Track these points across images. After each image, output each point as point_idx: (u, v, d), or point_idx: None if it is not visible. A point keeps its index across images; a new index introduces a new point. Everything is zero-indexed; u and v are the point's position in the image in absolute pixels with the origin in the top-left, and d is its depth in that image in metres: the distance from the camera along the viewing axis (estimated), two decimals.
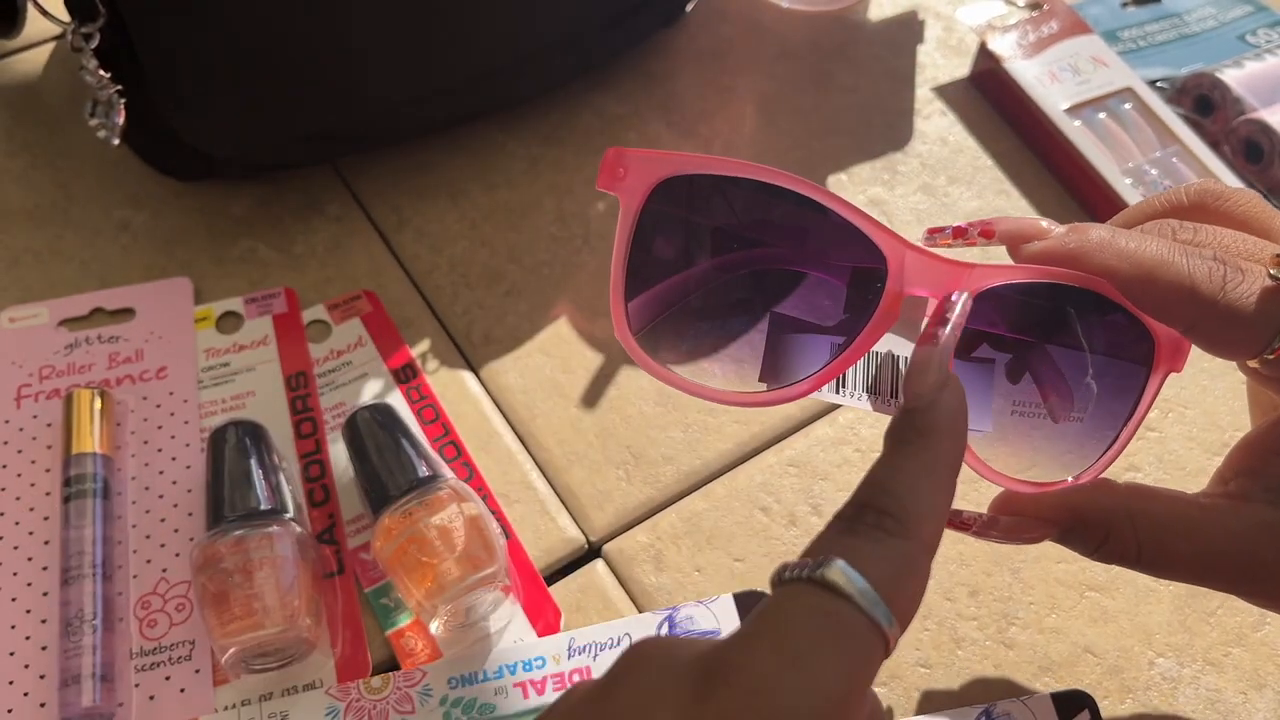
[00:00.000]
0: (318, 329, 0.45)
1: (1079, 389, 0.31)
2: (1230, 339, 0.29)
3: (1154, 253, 0.28)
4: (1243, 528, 0.30)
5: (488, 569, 0.36)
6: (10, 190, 0.48)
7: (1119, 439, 0.31)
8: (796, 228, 0.30)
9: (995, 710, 0.37)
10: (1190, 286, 0.28)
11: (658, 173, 0.29)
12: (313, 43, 0.43)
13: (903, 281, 0.29)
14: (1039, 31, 0.54)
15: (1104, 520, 0.30)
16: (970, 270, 0.29)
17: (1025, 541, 0.31)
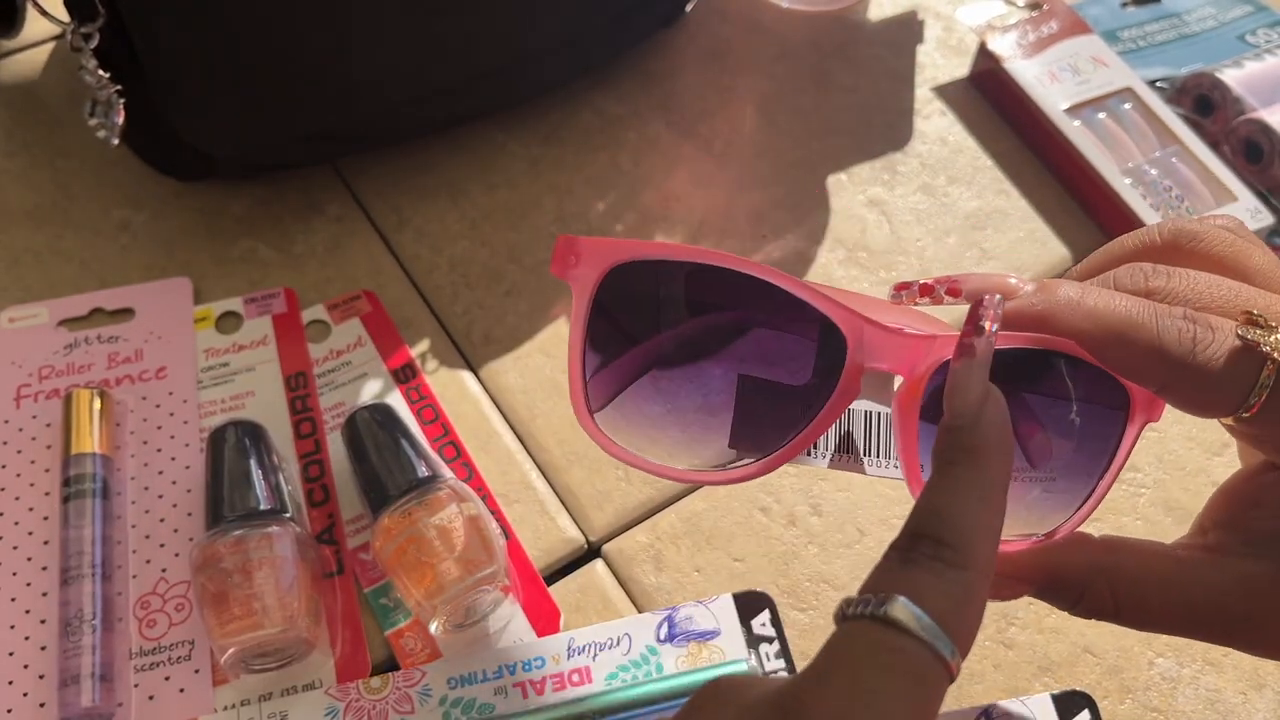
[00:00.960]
0: (317, 329, 0.45)
1: (1053, 444, 0.31)
2: (1203, 400, 0.28)
3: (1123, 314, 0.28)
4: (1221, 581, 0.29)
5: (487, 569, 0.36)
6: (10, 190, 0.48)
7: (1095, 492, 0.31)
8: (754, 309, 0.30)
9: (995, 710, 0.37)
10: (1159, 349, 0.27)
11: (608, 260, 0.29)
12: (313, 43, 0.43)
13: (862, 356, 0.29)
14: (1039, 31, 0.54)
15: (1079, 579, 0.30)
16: (932, 341, 0.29)
17: (1000, 599, 0.31)
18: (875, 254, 0.49)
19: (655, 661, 0.37)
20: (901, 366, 0.29)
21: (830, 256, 0.48)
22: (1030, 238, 0.50)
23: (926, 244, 0.49)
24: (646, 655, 0.37)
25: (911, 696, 0.23)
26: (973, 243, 0.50)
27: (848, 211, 0.50)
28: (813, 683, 0.23)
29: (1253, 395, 0.27)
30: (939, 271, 0.48)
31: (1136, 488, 0.43)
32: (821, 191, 0.51)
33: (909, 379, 0.29)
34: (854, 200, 0.51)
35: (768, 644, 0.38)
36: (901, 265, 0.49)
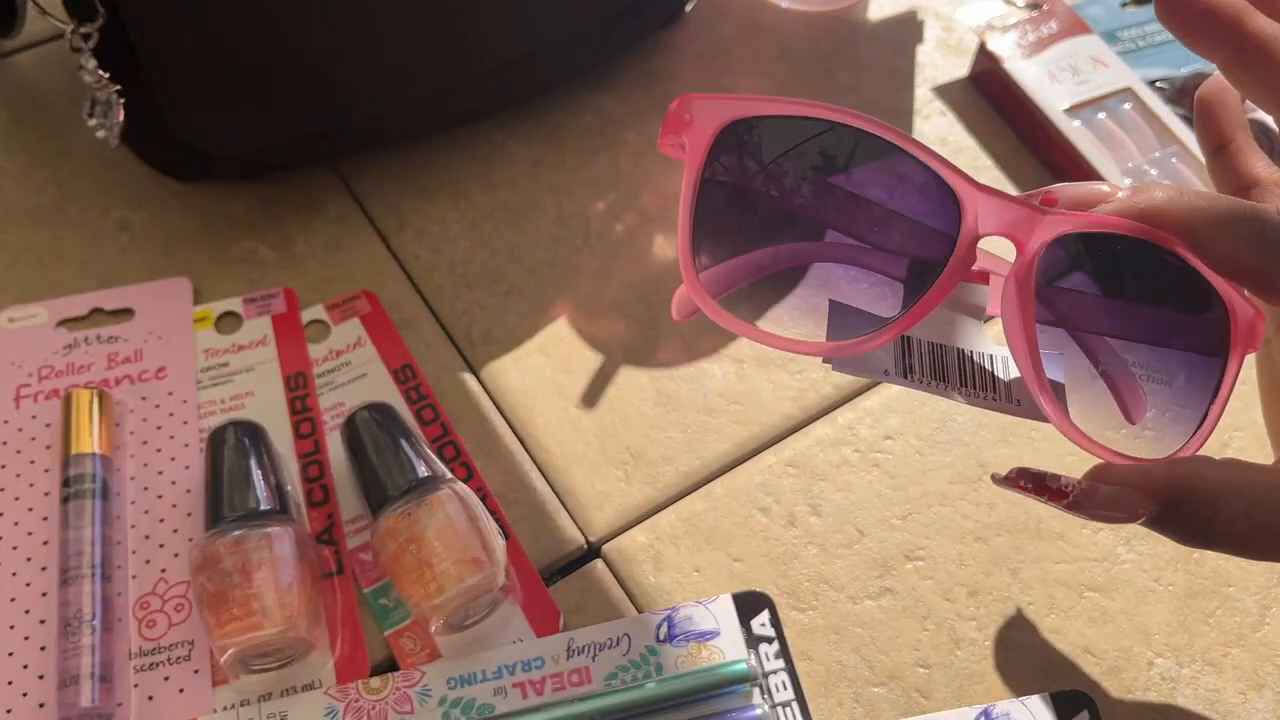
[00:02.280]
0: (317, 329, 0.45)
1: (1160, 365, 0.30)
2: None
3: (1225, 206, 0.27)
4: None
5: (487, 569, 0.36)
6: (10, 190, 0.48)
7: (1208, 418, 0.29)
8: (868, 170, 0.29)
9: (994, 711, 0.37)
10: (1263, 237, 0.27)
11: (724, 115, 0.29)
12: (313, 43, 0.43)
13: (977, 224, 0.28)
14: (1038, 31, 0.54)
15: (1212, 495, 0.28)
16: (1044, 215, 0.28)
17: (1120, 519, 0.29)
18: None
19: (655, 662, 0.37)
20: (1018, 235, 0.28)
21: None
22: None
23: None
24: (646, 655, 0.37)
25: None
26: None
27: None
28: None
29: None
30: None
31: None
32: None
33: (1026, 252, 0.28)
34: None
35: (767, 644, 0.38)
36: None
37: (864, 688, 0.38)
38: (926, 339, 0.31)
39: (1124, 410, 0.31)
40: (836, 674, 0.38)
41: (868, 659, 0.38)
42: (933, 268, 0.28)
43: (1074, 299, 0.30)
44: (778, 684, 0.37)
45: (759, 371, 0.45)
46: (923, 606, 0.39)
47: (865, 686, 0.38)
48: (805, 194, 0.30)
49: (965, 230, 0.28)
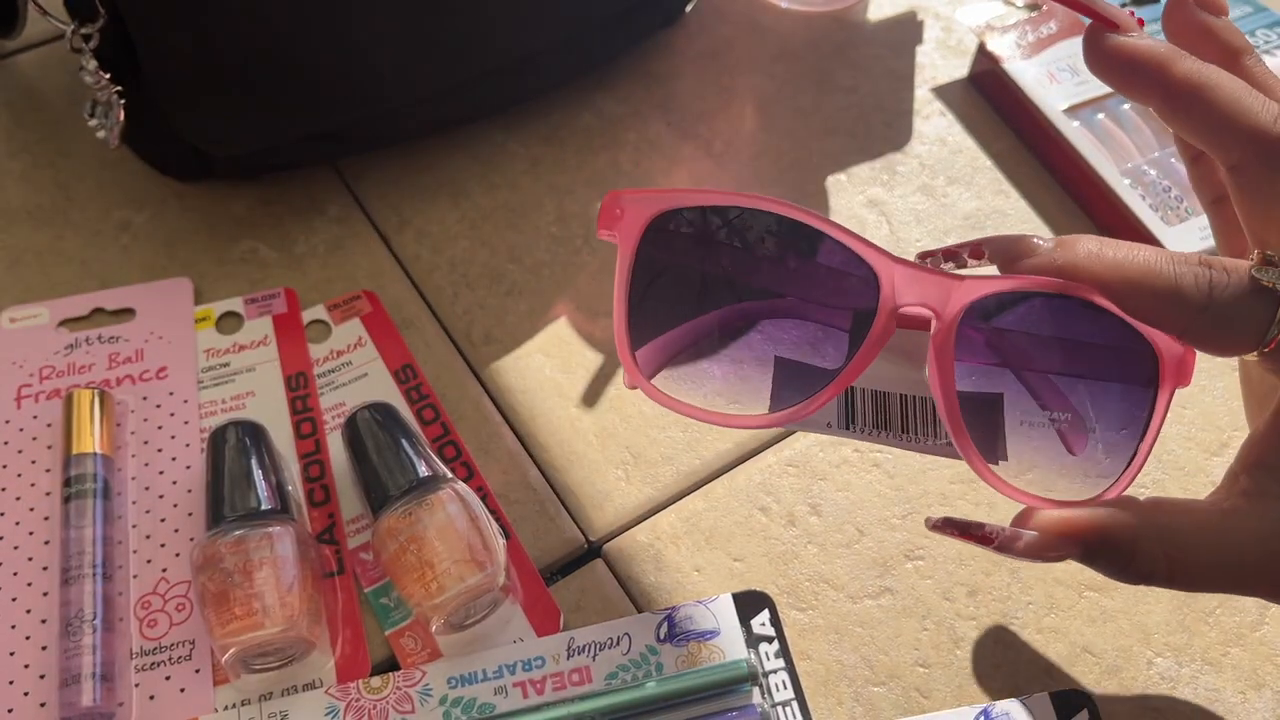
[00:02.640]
0: (318, 329, 0.45)
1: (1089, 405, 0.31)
2: (1223, 341, 0.29)
3: (1141, 262, 0.29)
4: (1266, 526, 0.29)
5: (487, 569, 0.36)
6: (11, 191, 0.48)
7: (1136, 456, 0.31)
8: (791, 252, 0.31)
9: (994, 710, 0.37)
10: (1178, 293, 0.28)
11: (651, 209, 0.31)
12: (313, 43, 0.43)
13: (895, 296, 0.30)
14: (1038, 32, 0.54)
15: (1129, 538, 0.30)
16: (960, 282, 0.30)
17: (1047, 560, 0.30)
18: None
19: (655, 661, 0.37)
20: (933, 304, 0.30)
21: None
22: None
23: (926, 244, 0.50)
24: (646, 655, 0.37)
25: None
26: None
27: (847, 212, 0.50)
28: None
29: (1272, 330, 0.28)
30: None
31: (1136, 488, 0.43)
32: (821, 192, 0.51)
33: (941, 318, 0.30)
34: (853, 200, 0.51)
35: (767, 643, 0.38)
36: None
37: (864, 687, 0.38)
38: (870, 388, 0.33)
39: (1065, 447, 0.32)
40: (836, 673, 0.38)
41: (867, 658, 0.38)
42: (856, 338, 0.30)
43: (1012, 342, 0.32)
44: (778, 683, 0.37)
45: None
46: (922, 606, 0.39)
47: (865, 686, 0.38)
48: (733, 276, 0.32)
49: (884, 302, 0.29)
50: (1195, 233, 0.47)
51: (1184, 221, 0.48)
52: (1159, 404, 0.30)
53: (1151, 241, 0.47)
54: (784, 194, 0.50)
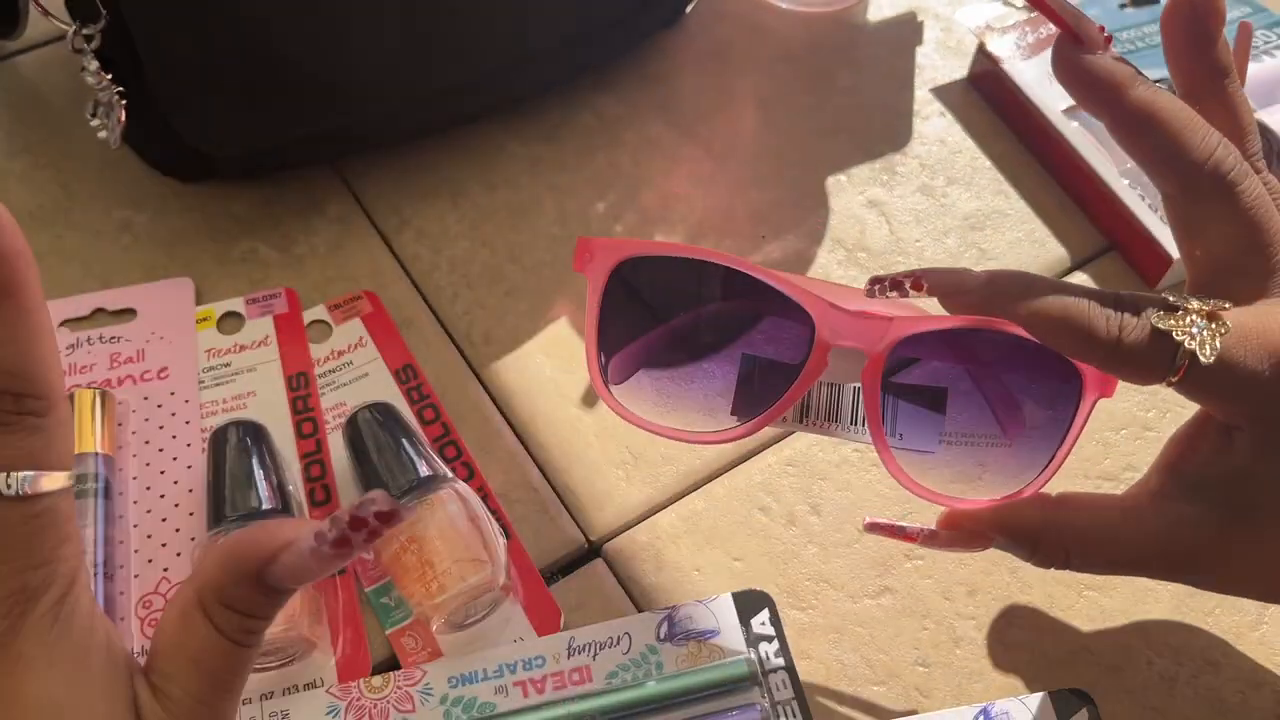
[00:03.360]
0: (319, 329, 0.45)
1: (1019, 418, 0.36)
2: (1132, 374, 0.32)
3: (1059, 305, 0.31)
4: (1161, 525, 0.33)
5: (488, 569, 0.36)
6: (12, 191, 0.48)
7: (1054, 460, 0.34)
8: (739, 297, 0.36)
9: (993, 709, 0.37)
10: (1090, 336, 0.31)
11: (615, 256, 0.35)
12: (314, 43, 0.43)
13: (829, 335, 0.34)
14: (1037, 33, 0.54)
15: (1032, 531, 0.34)
16: (889, 322, 0.34)
17: (965, 551, 0.35)
18: (874, 254, 0.49)
19: (655, 660, 0.37)
20: (863, 344, 0.34)
21: (830, 257, 0.49)
22: (1029, 238, 0.50)
23: (925, 244, 0.50)
24: (646, 654, 0.37)
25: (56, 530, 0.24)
26: (971, 243, 0.50)
27: (847, 212, 0.50)
28: None
29: (1177, 360, 0.30)
30: None
31: None
32: (821, 192, 0.51)
33: (870, 355, 0.34)
34: (853, 201, 0.51)
35: (767, 643, 0.38)
36: (901, 266, 0.49)
37: (864, 686, 0.38)
38: (825, 381, 0.36)
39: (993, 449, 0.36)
40: (836, 673, 0.38)
41: (867, 658, 0.38)
42: (794, 372, 0.34)
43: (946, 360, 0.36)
44: (778, 683, 0.37)
45: None
46: (922, 605, 0.39)
47: (865, 685, 0.38)
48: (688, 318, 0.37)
49: (818, 342, 0.34)
50: None
51: None
52: (1080, 413, 0.34)
53: (1151, 241, 0.48)
54: (784, 194, 0.51)
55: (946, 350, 0.36)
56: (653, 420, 0.36)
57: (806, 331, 0.34)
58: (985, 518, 0.34)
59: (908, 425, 0.36)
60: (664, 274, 0.36)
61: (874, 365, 0.34)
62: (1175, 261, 0.47)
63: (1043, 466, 0.35)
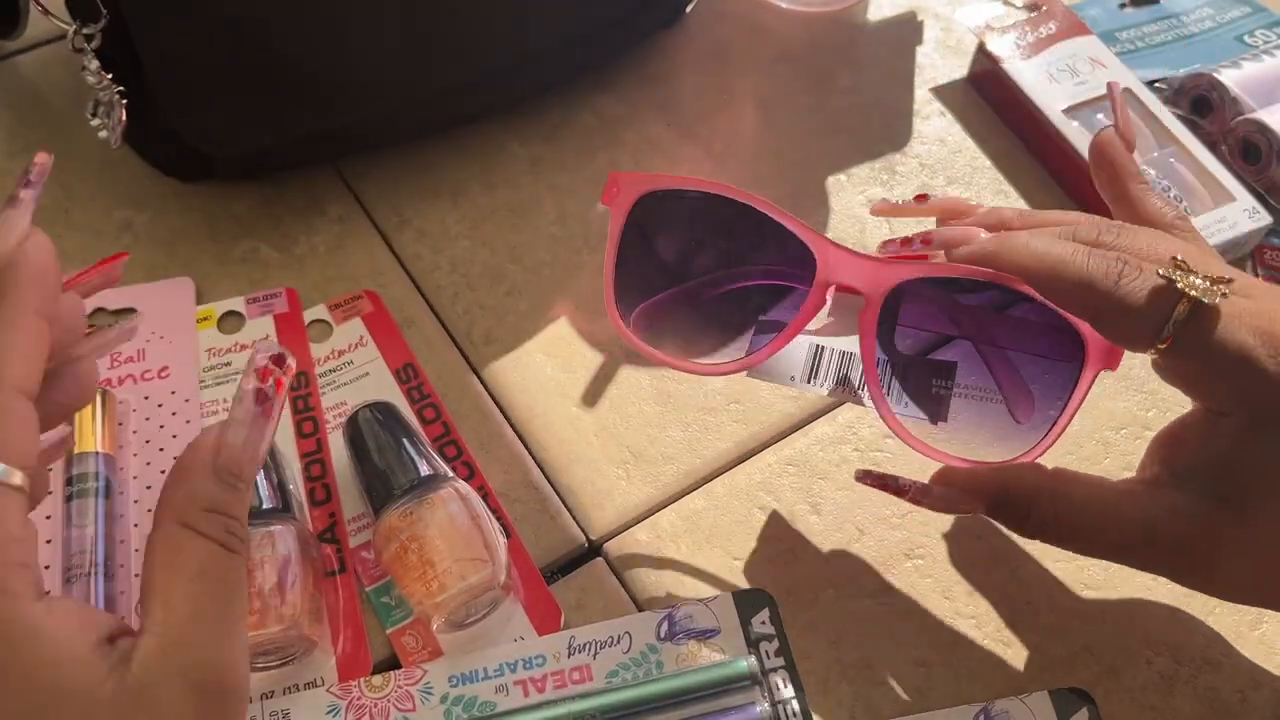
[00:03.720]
0: (319, 329, 0.45)
1: (1016, 382, 0.36)
2: (1125, 330, 0.32)
3: (1060, 251, 0.32)
4: (1152, 510, 0.33)
5: (488, 568, 0.36)
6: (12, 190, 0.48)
7: (1053, 429, 0.35)
8: (748, 231, 0.36)
9: (993, 709, 0.37)
10: (1088, 280, 0.31)
11: (640, 189, 0.37)
12: (314, 44, 0.43)
13: (829, 274, 0.35)
14: (1037, 33, 0.54)
15: (1029, 496, 0.34)
16: (887, 266, 0.34)
17: (957, 511, 0.35)
18: None
19: (655, 660, 0.37)
20: (862, 284, 0.34)
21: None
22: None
23: None
24: (646, 654, 0.37)
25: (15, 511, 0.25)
26: None
27: (847, 212, 0.50)
28: None
29: (1167, 328, 0.31)
30: None
31: None
32: (821, 192, 0.51)
33: (869, 296, 0.34)
34: (853, 200, 0.51)
35: (767, 642, 0.38)
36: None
37: (864, 686, 0.38)
38: (837, 349, 0.38)
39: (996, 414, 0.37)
40: (836, 672, 0.38)
41: (867, 657, 0.38)
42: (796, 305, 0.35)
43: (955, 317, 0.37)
44: (778, 682, 0.37)
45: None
46: (922, 605, 0.39)
47: (865, 685, 0.38)
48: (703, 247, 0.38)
49: (819, 278, 0.35)
50: None
51: None
52: (1081, 383, 0.34)
53: None
54: (784, 194, 0.51)
55: (950, 304, 0.36)
56: (662, 353, 0.37)
57: (809, 269, 0.35)
58: (983, 476, 0.35)
59: (908, 383, 0.37)
60: (682, 208, 0.37)
61: (871, 309, 0.34)
62: None
63: (1043, 434, 0.35)
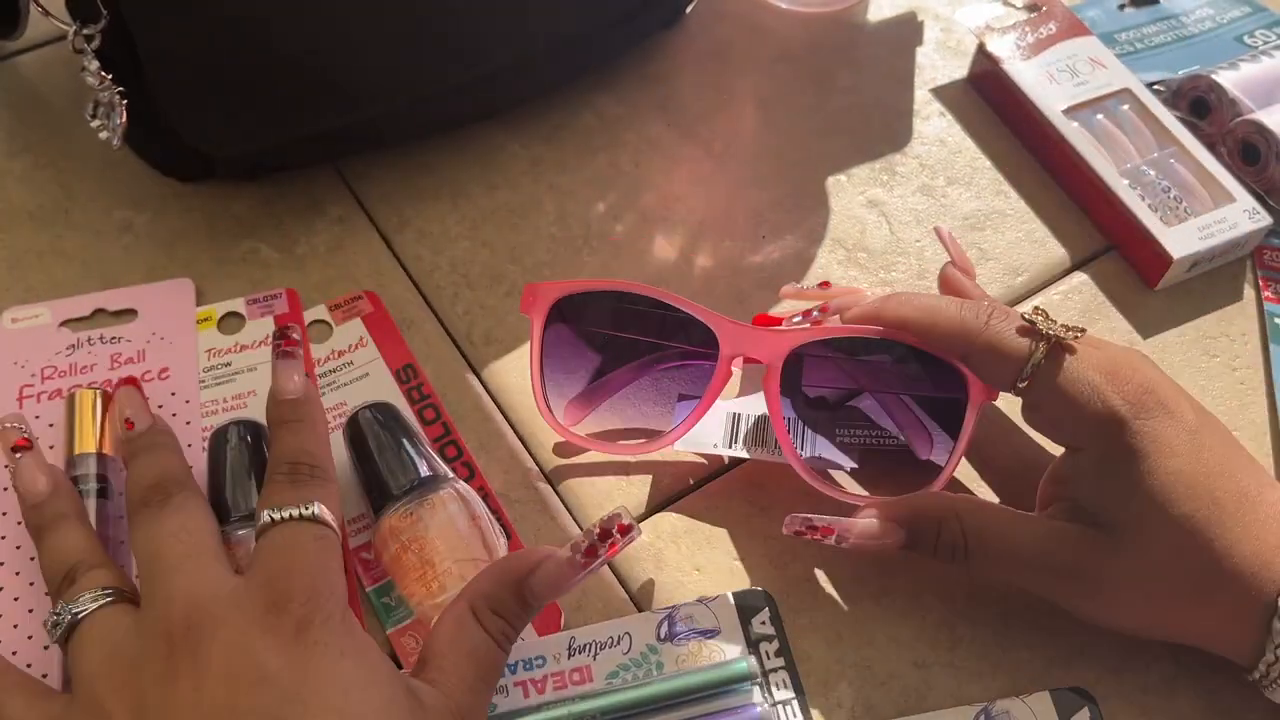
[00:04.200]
0: (319, 329, 0.45)
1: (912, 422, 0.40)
2: (993, 369, 0.36)
3: (935, 302, 0.37)
4: (1045, 532, 0.36)
5: None
6: (13, 191, 0.48)
7: (952, 458, 0.38)
8: (657, 321, 0.41)
9: (994, 709, 0.37)
10: (961, 324, 0.36)
11: (553, 295, 0.40)
12: (314, 44, 0.43)
13: (732, 348, 0.39)
14: (1037, 33, 0.54)
15: (937, 519, 0.37)
16: (783, 335, 0.39)
17: (877, 547, 0.37)
18: (874, 254, 0.49)
19: (655, 660, 0.37)
20: (761, 354, 0.38)
21: (830, 257, 0.49)
22: (1028, 238, 0.50)
23: (925, 244, 0.50)
24: (647, 654, 0.37)
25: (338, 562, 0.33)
26: (971, 243, 0.50)
27: (847, 212, 0.50)
28: None
29: (1027, 368, 0.35)
30: (936, 272, 0.49)
31: None
32: (821, 192, 0.51)
33: (770, 364, 0.38)
34: (853, 201, 0.51)
35: (767, 642, 0.38)
36: (900, 266, 0.49)
37: (864, 686, 0.38)
38: (752, 414, 0.42)
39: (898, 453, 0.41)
40: (836, 673, 0.38)
41: (867, 658, 0.38)
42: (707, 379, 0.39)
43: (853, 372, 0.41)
44: (778, 682, 0.37)
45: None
46: (922, 605, 0.39)
47: (865, 685, 0.38)
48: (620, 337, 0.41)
49: (723, 355, 0.39)
50: (1194, 233, 0.48)
51: (1183, 222, 0.48)
52: (969, 417, 0.38)
53: (1151, 241, 0.48)
54: (784, 194, 0.51)
55: (845, 361, 0.41)
56: (594, 442, 0.41)
57: (714, 347, 0.38)
58: (896, 507, 0.37)
59: (817, 435, 0.41)
60: (595, 307, 0.41)
61: (772, 374, 0.38)
62: (1175, 261, 0.47)
63: (943, 465, 0.39)
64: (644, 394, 0.42)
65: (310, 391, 0.37)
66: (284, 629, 0.30)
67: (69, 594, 0.33)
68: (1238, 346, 0.47)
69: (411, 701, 0.31)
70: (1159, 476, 0.34)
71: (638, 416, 0.42)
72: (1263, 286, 0.49)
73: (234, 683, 0.29)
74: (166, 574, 0.32)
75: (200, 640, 0.30)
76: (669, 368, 0.42)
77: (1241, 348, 0.47)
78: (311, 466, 0.35)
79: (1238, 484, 0.35)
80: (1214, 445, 0.35)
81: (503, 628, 0.33)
